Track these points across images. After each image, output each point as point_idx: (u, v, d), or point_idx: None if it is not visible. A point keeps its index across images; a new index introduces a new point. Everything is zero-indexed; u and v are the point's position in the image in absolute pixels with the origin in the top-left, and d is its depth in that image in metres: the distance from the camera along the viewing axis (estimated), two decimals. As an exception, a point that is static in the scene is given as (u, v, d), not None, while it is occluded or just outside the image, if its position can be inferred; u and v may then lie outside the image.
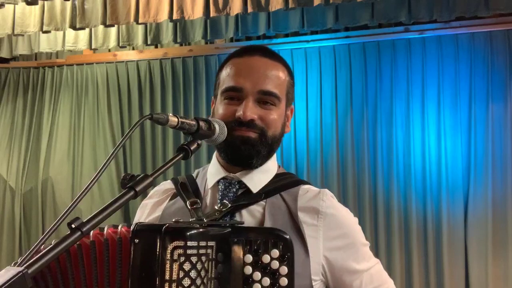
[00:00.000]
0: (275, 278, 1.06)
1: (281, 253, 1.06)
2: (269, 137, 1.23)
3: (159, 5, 3.43)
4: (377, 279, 1.24)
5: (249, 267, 1.06)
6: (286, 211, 1.21)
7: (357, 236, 1.25)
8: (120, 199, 0.93)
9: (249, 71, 1.23)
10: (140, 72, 4.45)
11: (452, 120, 3.80)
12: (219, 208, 1.20)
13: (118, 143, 0.97)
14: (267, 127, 1.22)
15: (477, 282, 3.67)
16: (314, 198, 1.23)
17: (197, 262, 1.00)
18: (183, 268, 0.99)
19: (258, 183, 1.25)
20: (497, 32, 3.77)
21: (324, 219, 1.20)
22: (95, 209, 0.92)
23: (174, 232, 1.01)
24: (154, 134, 4.37)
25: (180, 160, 1.07)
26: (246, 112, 1.19)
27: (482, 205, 3.69)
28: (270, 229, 1.12)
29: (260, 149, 1.22)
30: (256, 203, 1.22)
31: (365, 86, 3.97)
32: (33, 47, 4.21)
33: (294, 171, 4.00)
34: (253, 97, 1.21)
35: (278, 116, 1.25)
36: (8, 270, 0.78)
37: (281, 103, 1.25)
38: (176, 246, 0.99)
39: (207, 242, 1.02)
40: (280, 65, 1.28)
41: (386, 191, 3.87)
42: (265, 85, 1.22)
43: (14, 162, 4.55)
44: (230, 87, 1.23)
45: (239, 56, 1.28)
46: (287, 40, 4.17)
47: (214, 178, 1.27)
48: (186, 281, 0.99)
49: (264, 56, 1.26)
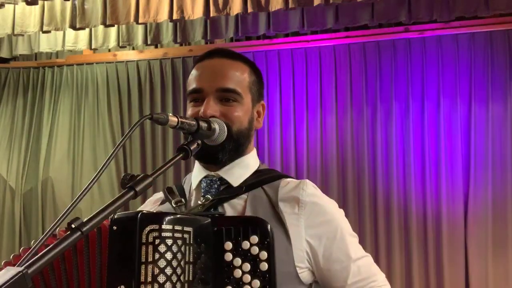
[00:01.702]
0: (255, 263, 1.08)
1: (260, 239, 1.08)
2: (233, 132, 1.25)
3: (159, 5, 3.43)
4: (365, 271, 1.24)
5: (229, 254, 1.09)
6: (267, 202, 1.24)
7: (341, 225, 1.25)
8: (120, 199, 0.93)
9: (207, 72, 1.29)
10: (140, 72, 4.45)
11: (452, 120, 3.80)
12: (202, 202, 1.23)
13: (118, 143, 0.98)
14: (230, 122, 1.25)
15: (477, 282, 3.67)
16: (294, 188, 1.25)
17: (172, 244, 1.02)
18: (158, 250, 1.01)
19: (239, 178, 1.28)
20: (497, 32, 3.77)
21: (305, 208, 1.22)
22: (95, 209, 0.92)
23: (149, 217, 1.04)
24: (154, 134, 4.37)
25: (180, 160, 1.07)
26: (206, 109, 1.23)
27: (482, 205, 3.69)
28: (249, 217, 1.16)
29: (224, 144, 1.24)
30: (238, 196, 1.25)
31: (365, 86, 3.97)
32: (33, 47, 4.21)
33: (294, 171, 4.00)
34: (213, 95, 1.25)
35: (243, 112, 1.28)
36: (8, 270, 0.78)
37: (244, 99, 1.29)
38: (151, 229, 1.02)
39: (183, 227, 1.05)
40: (239, 63, 1.32)
41: (386, 191, 3.87)
42: (223, 82, 1.26)
43: (14, 162, 4.55)
44: (192, 89, 1.28)
45: (201, 60, 1.33)
46: (287, 40, 4.17)
47: (196, 179, 1.31)
48: (161, 263, 1.01)
49: (223, 57, 1.31)
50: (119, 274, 1.02)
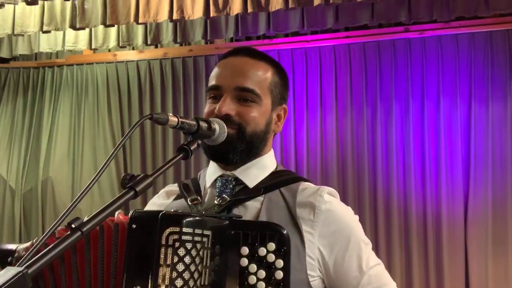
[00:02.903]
0: (270, 271, 1.06)
1: (277, 247, 1.07)
2: (247, 133, 1.23)
3: (159, 5, 3.43)
4: (376, 280, 1.22)
5: (245, 259, 1.07)
6: (284, 206, 1.21)
7: (355, 233, 1.24)
8: (120, 199, 0.93)
9: (229, 69, 1.27)
10: (140, 72, 4.45)
11: (452, 120, 3.80)
12: (219, 202, 1.21)
13: (118, 143, 0.97)
14: (245, 123, 1.23)
15: (477, 282, 3.67)
16: (312, 194, 1.23)
17: (192, 249, 1.01)
18: (178, 253, 1.00)
19: (255, 179, 1.26)
20: (497, 32, 3.77)
21: (321, 215, 1.20)
22: (95, 209, 0.92)
23: (170, 218, 1.02)
24: (154, 134, 4.37)
25: (180, 160, 1.07)
26: (222, 107, 1.21)
27: (482, 205, 3.69)
28: (267, 223, 1.13)
29: (236, 145, 1.22)
30: (255, 197, 1.23)
31: (365, 86, 3.96)
32: (33, 47, 4.21)
33: (294, 171, 4.00)
34: (231, 93, 1.23)
35: (260, 114, 1.25)
36: (8, 270, 0.78)
37: (262, 101, 1.26)
38: (172, 232, 1.00)
39: (203, 230, 1.03)
40: (262, 63, 1.29)
41: (386, 191, 3.87)
42: (241, 81, 1.24)
43: (14, 162, 4.55)
44: (211, 86, 1.27)
45: (224, 58, 1.31)
46: (287, 40, 4.17)
47: (211, 178, 1.29)
48: (180, 266, 1.00)
49: (246, 55, 1.29)
50: (136, 274, 1.01)
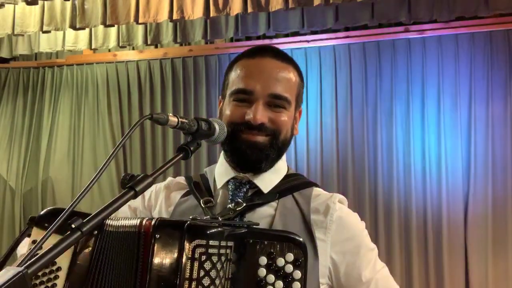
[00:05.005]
0: (288, 282, 1.05)
1: (295, 257, 1.06)
2: (280, 140, 1.22)
3: (159, 5, 3.43)
4: (382, 285, 1.23)
5: (263, 269, 1.06)
6: (298, 213, 1.21)
7: (364, 240, 1.24)
8: (120, 199, 0.93)
9: (260, 73, 1.21)
10: (140, 72, 4.45)
11: (452, 120, 3.80)
12: (233, 207, 1.19)
13: (118, 143, 0.97)
14: (278, 130, 1.21)
15: (477, 282, 3.67)
16: (326, 201, 1.23)
17: (217, 262, 1.00)
18: (204, 267, 0.98)
19: (269, 183, 1.25)
20: (497, 32, 3.77)
21: (333, 223, 1.20)
22: (95, 209, 0.92)
23: (196, 230, 1.01)
24: (154, 134, 4.37)
25: (180, 160, 1.06)
26: (257, 115, 1.18)
27: (482, 205, 3.69)
28: (286, 232, 1.10)
29: (269, 153, 1.21)
30: (269, 203, 1.22)
31: (365, 86, 3.96)
32: (33, 47, 4.21)
33: (294, 171, 4.00)
34: (264, 100, 1.20)
35: (289, 119, 1.24)
36: (8, 270, 0.78)
37: (291, 106, 1.24)
38: (198, 244, 0.99)
39: (227, 242, 1.02)
40: (291, 67, 1.26)
41: (386, 190, 3.87)
42: (276, 88, 1.20)
43: (14, 162, 4.55)
44: (241, 89, 1.21)
45: (250, 57, 1.25)
46: (287, 40, 4.17)
47: (223, 178, 1.27)
48: (206, 281, 0.98)
49: (275, 57, 1.24)
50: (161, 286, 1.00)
